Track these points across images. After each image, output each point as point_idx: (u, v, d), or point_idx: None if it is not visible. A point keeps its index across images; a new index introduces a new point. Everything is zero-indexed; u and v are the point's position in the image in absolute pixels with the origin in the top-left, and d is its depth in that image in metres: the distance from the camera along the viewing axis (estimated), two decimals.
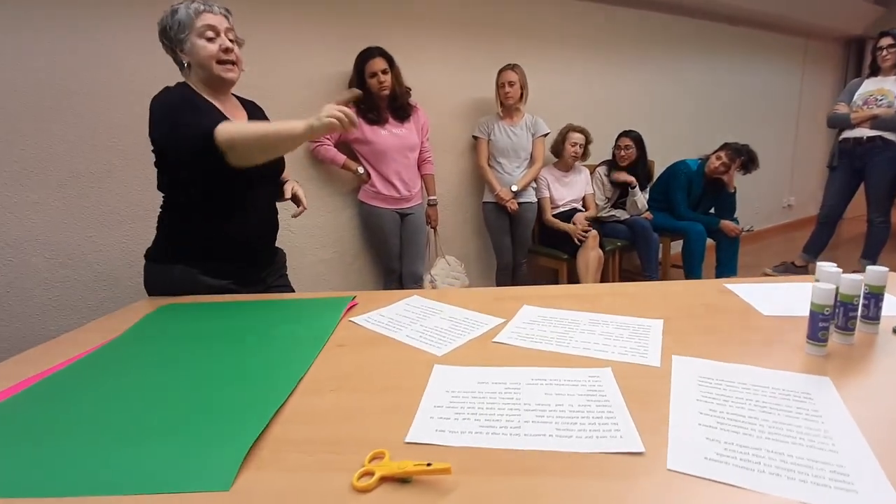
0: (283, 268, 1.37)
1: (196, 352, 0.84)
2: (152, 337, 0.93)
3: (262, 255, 1.26)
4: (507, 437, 0.56)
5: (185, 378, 0.74)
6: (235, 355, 0.82)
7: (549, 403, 0.63)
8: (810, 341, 0.73)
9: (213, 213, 1.13)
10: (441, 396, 0.66)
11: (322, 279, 2.34)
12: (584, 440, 0.55)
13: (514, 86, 2.39)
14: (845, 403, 0.60)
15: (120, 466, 0.54)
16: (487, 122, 2.51)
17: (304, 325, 0.95)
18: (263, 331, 0.93)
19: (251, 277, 1.24)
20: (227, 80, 1.09)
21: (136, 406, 0.66)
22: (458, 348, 0.83)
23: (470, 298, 1.08)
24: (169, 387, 0.72)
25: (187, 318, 1.02)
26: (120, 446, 0.57)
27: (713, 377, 0.68)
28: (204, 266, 1.17)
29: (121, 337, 0.93)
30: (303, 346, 0.85)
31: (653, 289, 1.08)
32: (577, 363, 0.75)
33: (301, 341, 0.87)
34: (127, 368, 0.79)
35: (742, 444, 0.53)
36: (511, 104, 2.43)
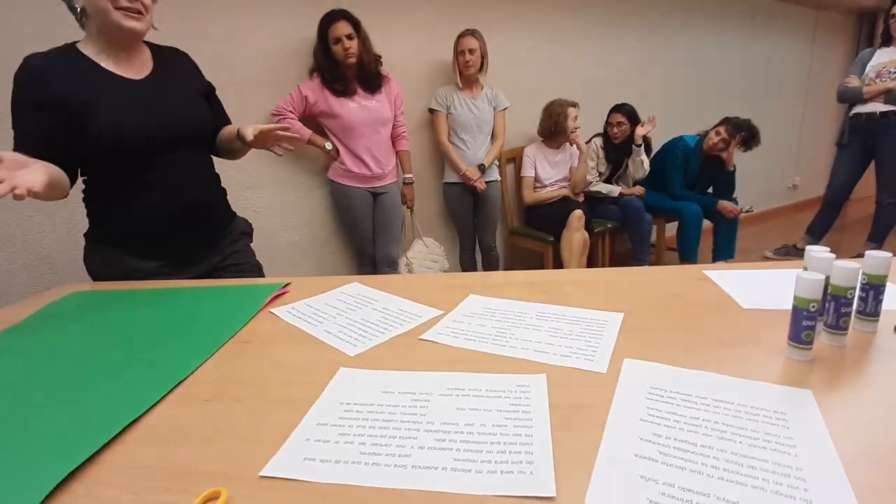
0: (239, 243, 1.22)
1: (75, 347, 0.73)
2: (38, 328, 0.82)
3: (191, 234, 1.11)
4: (389, 471, 0.44)
5: (46, 378, 0.63)
6: (118, 353, 0.71)
7: (458, 422, 0.51)
8: (792, 343, 0.60)
9: (118, 190, 1.00)
10: (331, 410, 0.54)
11: (292, 263, 2.22)
12: (483, 476, 0.43)
13: (474, 53, 2.20)
14: (828, 428, 0.47)
15: None
16: (446, 93, 2.31)
17: (213, 317, 0.83)
18: (163, 325, 0.80)
19: (185, 259, 1.12)
20: (128, 31, 0.93)
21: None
22: (377, 347, 0.70)
23: (416, 286, 0.95)
24: (19, 388, 0.60)
25: (87, 308, 0.90)
26: None
27: (667, 388, 0.55)
28: (130, 247, 1.06)
29: (11, 328, 0.81)
30: (198, 344, 0.73)
31: (621, 276, 0.95)
32: (510, 367, 0.62)
33: (200, 338, 0.75)
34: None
35: (686, 487, 0.40)
36: (471, 74, 2.25)
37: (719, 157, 2.69)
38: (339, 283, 1.00)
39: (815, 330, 0.58)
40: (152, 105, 0.99)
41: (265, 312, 0.86)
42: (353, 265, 2.34)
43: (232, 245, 1.21)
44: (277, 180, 2.10)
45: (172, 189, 1.03)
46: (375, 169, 2.04)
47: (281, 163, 2.09)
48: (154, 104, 0.99)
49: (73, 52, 0.96)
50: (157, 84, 1.02)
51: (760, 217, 4.35)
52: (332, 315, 0.83)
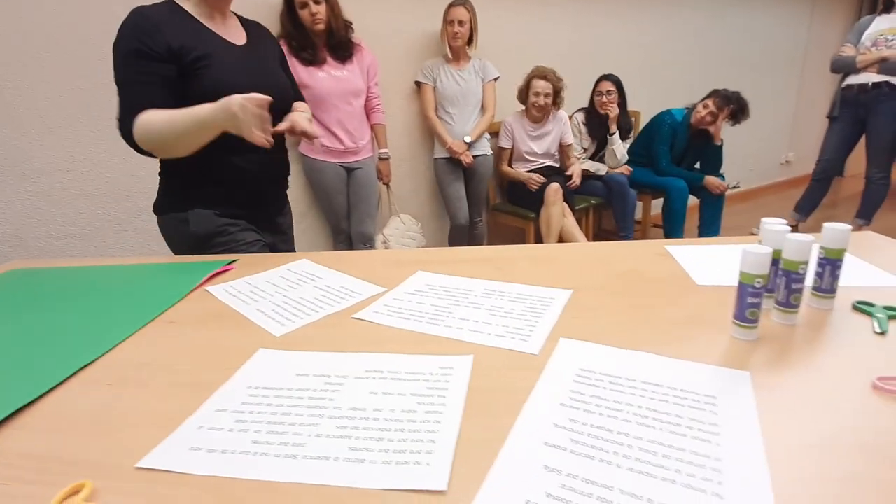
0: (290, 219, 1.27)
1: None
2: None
3: (272, 197, 1.15)
4: (277, 463, 0.40)
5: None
6: (32, 333, 0.66)
7: (366, 407, 0.47)
8: (737, 322, 0.56)
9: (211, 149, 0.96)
10: (235, 395, 0.50)
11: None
12: (377, 467, 0.39)
13: (464, 25, 2.11)
14: (760, 415, 0.43)
15: None
16: (433, 66, 2.23)
17: (144, 297, 0.78)
18: (89, 305, 0.76)
19: (265, 219, 1.13)
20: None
21: None
22: (307, 326, 0.66)
23: (368, 262, 0.91)
24: None
25: (18, 286, 0.85)
26: None
27: (597, 370, 0.51)
28: (217, 206, 1.04)
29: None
30: (118, 325, 0.68)
31: (580, 251, 0.91)
32: (440, 348, 0.58)
33: (122, 318, 0.71)
34: None
35: (590, 479, 0.37)
36: (459, 45, 2.16)
37: (707, 131, 2.62)
38: (290, 259, 0.95)
39: (760, 308, 0.55)
40: (253, 70, 1.03)
41: (201, 291, 0.81)
42: (328, 242, 2.29)
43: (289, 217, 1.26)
44: None
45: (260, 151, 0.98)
46: (348, 143, 1.97)
47: None
48: (255, 70, 1.03)
49: (179, 9, 0.97)
50: (254, 52, 1.05)
51: (751, 193, 4.30)
52: (270, 293, 0.78)
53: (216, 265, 0.91)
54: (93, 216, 1.81)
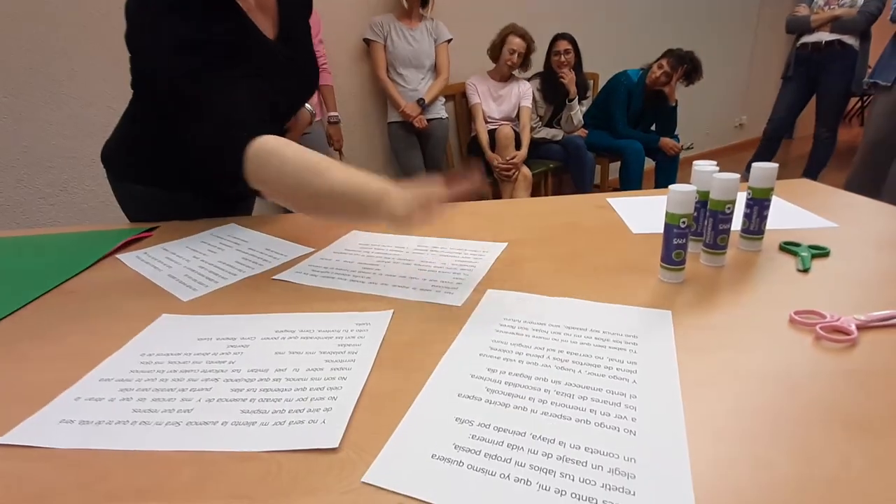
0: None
1: None
2: None
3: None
4: (157, 431, 0.36)
5: None
6: None
7: (268, 368, 0.43)
8: (664, 265, 0.55)
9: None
10: (125, 363, 0.45)
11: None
12: (267, 429, 0.36)
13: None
14: (678, 353, 0.42)
15: None
16: (382, 22, 2.12)
17: (47, 267, 0.71)
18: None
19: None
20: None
21: None
22: (222, 290, 0.61)
23: (301, 225, 0.86)
24: None
25: None
26: None
27: (522, 318, 0.49)
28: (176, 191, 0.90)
29: None
30: (9, 296, 0.61)
31: (519, 206, 0.88)
32: (361, 305, 0.55)
33: (18, 289, 0.63)
34: None
35: (502, 426, 0.34)
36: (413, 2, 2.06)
37: (662, 92, 2.62)
38: (216, 224, 0.89)
39: (686, 249, 0.53)
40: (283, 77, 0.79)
41: (112, 260, 0.74)
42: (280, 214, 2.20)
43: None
44: None
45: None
46: None
47: None
48: (285, 75, 0.80)
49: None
50: (288, 49, 0.80)
51: (705, 156, 4.40)
52: (187, 259, 0.72)
53: (131, 232, 0.83)
54: (10, 190, 1.66)
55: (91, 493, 0.32)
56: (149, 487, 0.32)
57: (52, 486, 0.32)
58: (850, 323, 0.43)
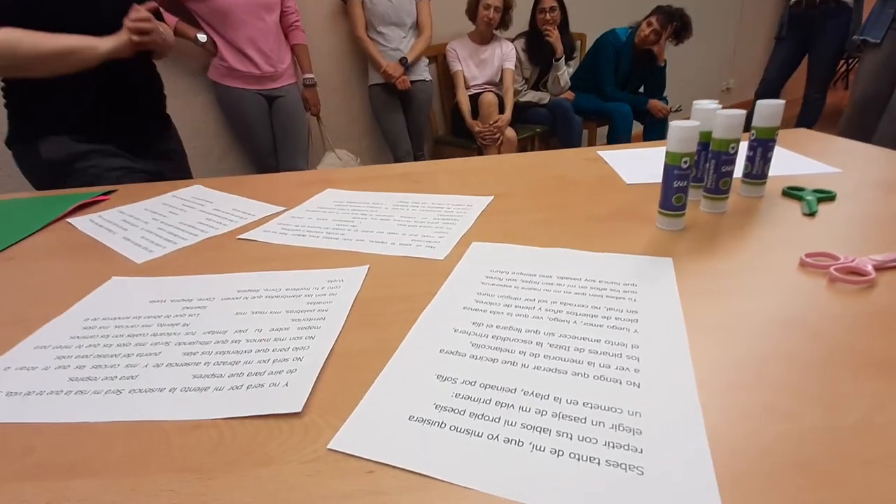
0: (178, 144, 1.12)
1: None
2: None
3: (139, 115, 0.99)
4: (95, 401, 0.31)
5: None
6: None
7: (227, 329, 0.38)
8: (662, 211, 0.50)
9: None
10: (65, 329, 0.40)
11: None
12: (222, 395, 0.31)
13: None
14: (682, 300, 0.38)
15: None
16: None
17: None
18: None
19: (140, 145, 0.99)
20: None
21: None
22: (182, 251, 0.56)
23: (273, 184, 0.79)
24: None
25: None
26: None
27: (510, 269, 0.44)
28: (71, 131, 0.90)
29: None
30: None
31: (505, 161, 0.83)
32: (338, 261, 0.50)
33: None
34: None
35: (489, 383, 0.30)
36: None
37: (651, 51, 2.54)
38: (180, 186, 0.82)
39: (687, 193, 0.49)
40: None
41: (63, 223, 0.68)
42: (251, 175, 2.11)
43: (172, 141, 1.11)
44: None
45: (112, 64, 0.87)
46: (265, 66, 1.75)
47: None
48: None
49: None
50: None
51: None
52: (145, 221, 0.66)
53: (85, 196, 0.77)
54: None
55: (12, 470, 0.27)
56: (79, 462, 0.27)
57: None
58: (867, 264, 0.39)
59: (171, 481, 0.25)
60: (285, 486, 0.25)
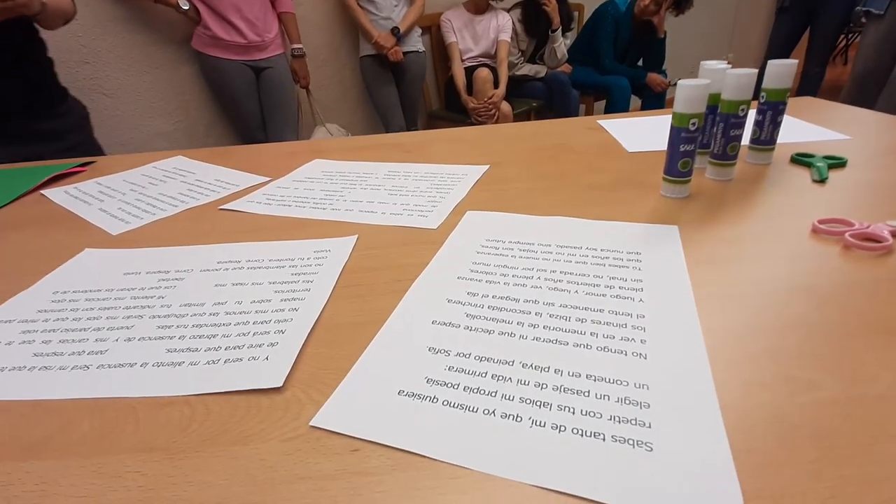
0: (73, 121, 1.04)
1: None
2: None
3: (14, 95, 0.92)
4: (61, 376, 0.29)
5: None
6: None
7: (205, 302, 0.36)
8: (667, 178, 0.48)
9: None
10: (31, 303, 0.37)
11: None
12: (198, 369, 0.29)
13: None
14: (689, 267, 0.36)
15: None
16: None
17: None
18: None
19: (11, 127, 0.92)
20: None
21: None
22: (160, 222, 0.53)
23: (259, 155, 0.76)
24: None
25: None
26: None
27: (507, 238, 0.42)
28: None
29: None
30: None
31: (502, 130, 0.79)
32: (326, 232, 0.47)
33: None
34: None
35: (484, 355, 0.28)
36: None
37: (651, 23, 2.47)
38: (160, 157, 0.78)
39: (694, 158, 0.46)
40: None
41: (36, 196, 0.64)
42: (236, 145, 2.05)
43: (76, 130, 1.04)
44: (125, 53, 1.70)
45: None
46: (251, 35, 1.68)
47: (128, 31, 1.67)
48: None
49: None
50: None
51: None
52: (123, 192, 0.63)
53: (60, 167, 0.73)
54: None
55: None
56: (38, 442, 0.25)
57: None
58: (883, 230, 0.37)
59: (137, 462, 0.23)
60: (262, 465, 0.23)
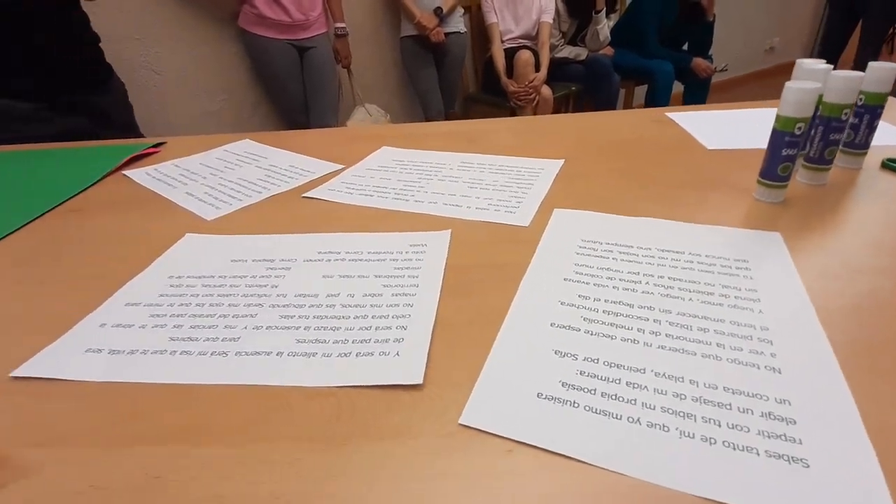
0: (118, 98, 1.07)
1: None
2: None
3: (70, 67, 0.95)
4: (202, 362, 0.31)
5: None
6: None
7: (318, 293, 0.37)
8: (763, 181, 0.47)
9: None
10: (152, 287, 0.40)
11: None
12: (332, 361, 0.30)
13: None
14: (802, 277, 0.36)
15: None
16: None
17: (46, 183, 0.64)
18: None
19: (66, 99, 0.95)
20: None
21: None
22: (248, 208, 0.54)
23: (321, 140, 0.77)
24: None
25: None
26: None
27: (602, 240, 0.42)
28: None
29: None
30: (6, 215, 0.55)
31: (568, 121, 0.78)
32: (410, 225, 0.48)
33: (13, 207, 0.57)
34: None
35: (614, 361, 0.29)
36: None
37: (699, 5, 2.38)
38: (229, 140, 0.80)
39: (794, 163, 0.45)
40: None
41: (118, 176, 0.67)
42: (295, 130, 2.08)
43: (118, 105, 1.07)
44: (177, 29, 1.71)
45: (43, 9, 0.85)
46: (296, 14, 1.68)
47: (175, 5, 1.68)
48: None
49: None
50: None
51: (732, 83, 4.13)
52: (204, 175, 0.65)
53: (136, 148, 0.75)
54: None
55: (123, 433, 0.27)
56: (195, 426, 0.27)
57: (75, 425, 0.27)
58: None
59: (299, 450, 0.25)
60: (419, 460, 0.24)
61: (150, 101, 1.69)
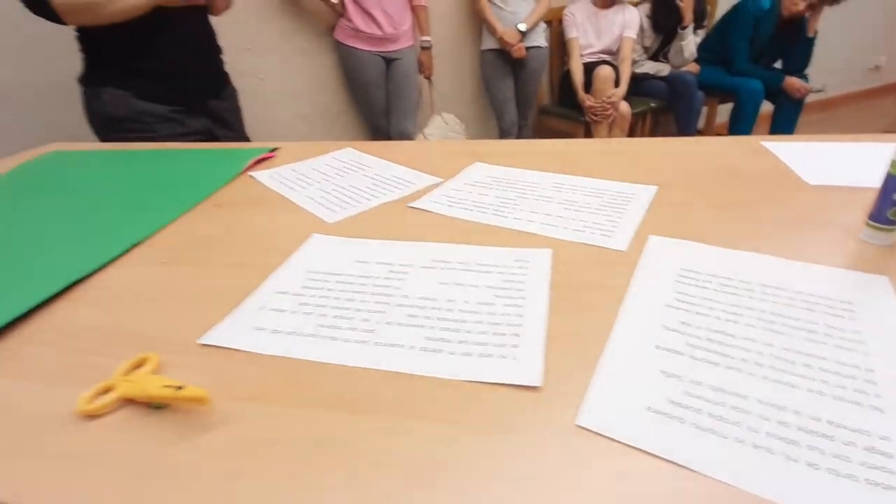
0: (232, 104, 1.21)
1: (37, 207, 0.66)
2: (5, 186, 0.75)
3: (202, 76, 1.09)
4: (348, 347, 0.37)
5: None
6: (81, 213, 0.64)
7: (437, 297, 0.42)
8: (871, 223, 0.47)
9: (135, 24, 0.93)
10: (294, 278, 0.46)
11: (301, 137, 2.09)
12: (457, 358, 0.35)
13: None
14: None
15: None
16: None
17: (187, 180, 0.74)
18: (134, 186, 0.72)
19: (195, 103, 1.08)
20: None
21: None
22: (361, 214, 0.61)
23: (417, 152, 0.83)
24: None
25: (60, 168, 0.82)
26: None
27: (702, 270, 0.44)
28: (135, 87, 1.00)
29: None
30: (166, 206, 0.65)
31: (659, 146, 0.79)
32: (510, 241, 0.52)
33: (169, 200, 0.67)
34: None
35: (718, 386, 0.31)
36: None
37: (798, 20, 2.24)
38: (333, 148, 0.88)
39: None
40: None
41: (245, 177, 0.76)
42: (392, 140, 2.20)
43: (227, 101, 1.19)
44: (281, 41, 1.88)
45: (186, 23, 0.98)
46: (388, 28, 1.78)
47: (281, 20, 1.84)
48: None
49: None
50: None
51: (829, 104, 3.82)
52: (318, 180, 0.73)
53: (258, 151, 0.85)
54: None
55: (300, 398, 0.33)
56: (352, 399, 0.32)
57: (262, 386, 0.34)
58: None
59: (445, 431, 0.30)
60: (541, 453, 0.28)
61: (254, 102, 1.86)
